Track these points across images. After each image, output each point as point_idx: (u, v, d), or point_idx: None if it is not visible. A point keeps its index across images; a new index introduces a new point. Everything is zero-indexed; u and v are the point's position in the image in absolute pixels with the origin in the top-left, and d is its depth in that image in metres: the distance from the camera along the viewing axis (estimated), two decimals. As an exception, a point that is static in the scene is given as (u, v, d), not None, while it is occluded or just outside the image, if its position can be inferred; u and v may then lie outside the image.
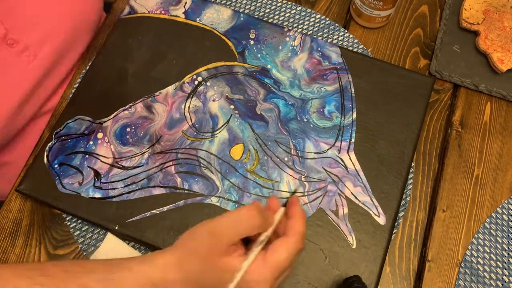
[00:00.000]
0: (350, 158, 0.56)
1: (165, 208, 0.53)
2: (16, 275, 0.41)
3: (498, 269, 0.53)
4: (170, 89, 0.59)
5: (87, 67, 0.62)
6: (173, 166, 0.55)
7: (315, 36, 0.63)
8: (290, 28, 0.64)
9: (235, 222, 0.39)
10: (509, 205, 0.56)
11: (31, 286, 0.40)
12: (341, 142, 0.56)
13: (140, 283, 0.40)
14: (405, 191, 0.56)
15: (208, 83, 0.59)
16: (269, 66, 0.60)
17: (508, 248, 0.54)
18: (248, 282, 0.38)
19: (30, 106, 0.58)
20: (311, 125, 0.57)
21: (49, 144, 0.56)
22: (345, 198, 0.54)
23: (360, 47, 0.64)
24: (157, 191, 0.54)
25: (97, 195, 0.54)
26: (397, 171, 0.55)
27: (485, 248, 0.54)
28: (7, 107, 0.54)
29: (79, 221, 0.55)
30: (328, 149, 0.56)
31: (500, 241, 0.54)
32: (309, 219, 0.53)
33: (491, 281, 0.52)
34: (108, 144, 0.56)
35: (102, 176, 0.55)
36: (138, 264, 0.41)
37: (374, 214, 0.53)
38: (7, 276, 0.40)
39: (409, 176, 0.57)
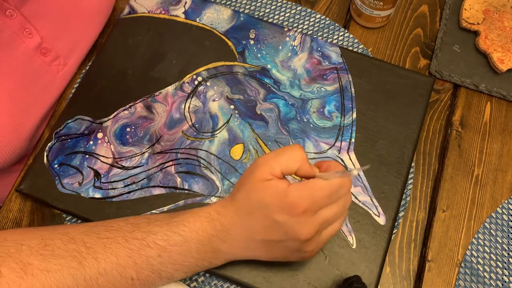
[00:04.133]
0: (350, 158, 0.56)
1: (165, 208, 0.53)
2: (82, 232, 0.42)
3: (498, 269, 0.53)
4: (170, 89, 0.59)
5: (87, 67, 0.62)
6: (173, 166, 0.55)
7: (315, 36, 0.63)
8: (290, 28, 0.64)
9: (277, 153, 0.43)
10: (509, 205, 0.56)
11: (98, 240, 0.41)
12: (341, 142, 0.56)
13: (200, 219, 0.43)
14: (405, 191, 0.56)
15: (208, 83, 0.59)
16: (269, 66, 0.60)
17: (508, 248, 0.54)
18: (288, 197, 0.40)
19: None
20: (311, 125, 0.57)
21: (49, 144, 0.56)
22: (345, 198, 0.54)
23: (360, 47, 0.64)
24: (157, 191, 0.54)
25: (97, 195, 0.54)
26: (397, 171, 0.55)
27: (485, 248, 0.54)
28: (37, 116, 0.56)
29: (79, 221, 0.55)
30: (328, 149, 0.56)
31: (500, 241, 0.54)
32: (309, 219, 0.53)
33: (491, 281, 0.52)
34: (108, 144, 0.56)
35: (102, 176, 0.55)
36: (198, 208, 0.44)
37: (374, 214, 0.53)
38: (74, 234, 0.41)
39: (409, 176, 0.57)
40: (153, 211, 0.53)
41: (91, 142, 0.56)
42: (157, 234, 0.42)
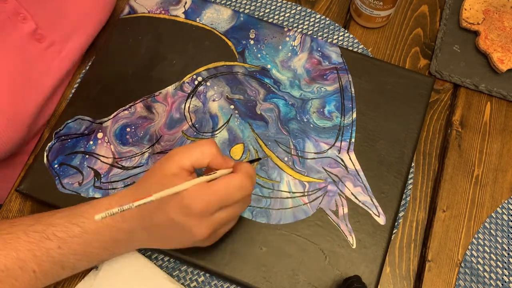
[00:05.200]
0: (350, 158, 0.56)
1: (165, 208, 0.53)
2: None
3: (498, 269, 0.53)
4: (170, 89, 0.59)
5: (87, 67, 0.62)
6: (173, 166, 0.55)
7: (315, 36, 0.63)
8: (290, 28, 0.64)
9: (189, 147, 0.43)
10: (509, 205, 0.56)
11: (0, 237, 0.42)
12: (341, 142, 0.56)
13: (100, 210, 0.44)
14: (405, 191, 0.56)
15: (208, 83, 0.59)
16: (269, 66, 0.60)
17: (508, 248, 0.54)
18: (184, 199, 0.41)
19: (52, 104, 0.58)
20: (311, 125, 0.57)
21: (49, 144, 0.56)
22: (345, 198, 0.54)
23: (360, 47, 0.64)
24: (157, 191, 0.54)
25: (97, 195, 0.54)
26: (397, 171, 0.55)
27: (485, 248, 0.54)
28: (33, 104, 0.55)
29: (79, 221, 0.55)
30: (328, 149, 0.56)
31: (500, 241, 0.54)
32: (309, 219, 0.53)
33: (491, 281, 0.52)
34: (108, 144, 0.56)
35: (102, 176, 0.55)
36: (98, 200, 0.45)
37: (374, 214, 0.53)
38: None
39: (409, 176, 0.57)
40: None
41: (91, 142, 0.56)
42: (56, 226, 0.42)
